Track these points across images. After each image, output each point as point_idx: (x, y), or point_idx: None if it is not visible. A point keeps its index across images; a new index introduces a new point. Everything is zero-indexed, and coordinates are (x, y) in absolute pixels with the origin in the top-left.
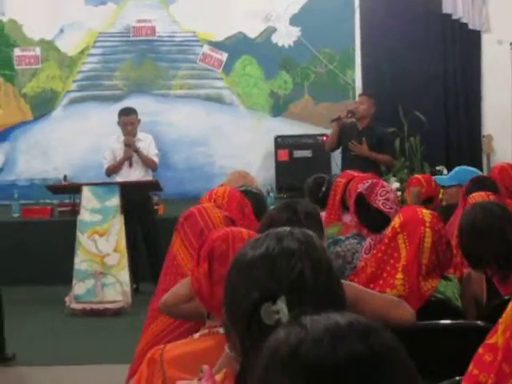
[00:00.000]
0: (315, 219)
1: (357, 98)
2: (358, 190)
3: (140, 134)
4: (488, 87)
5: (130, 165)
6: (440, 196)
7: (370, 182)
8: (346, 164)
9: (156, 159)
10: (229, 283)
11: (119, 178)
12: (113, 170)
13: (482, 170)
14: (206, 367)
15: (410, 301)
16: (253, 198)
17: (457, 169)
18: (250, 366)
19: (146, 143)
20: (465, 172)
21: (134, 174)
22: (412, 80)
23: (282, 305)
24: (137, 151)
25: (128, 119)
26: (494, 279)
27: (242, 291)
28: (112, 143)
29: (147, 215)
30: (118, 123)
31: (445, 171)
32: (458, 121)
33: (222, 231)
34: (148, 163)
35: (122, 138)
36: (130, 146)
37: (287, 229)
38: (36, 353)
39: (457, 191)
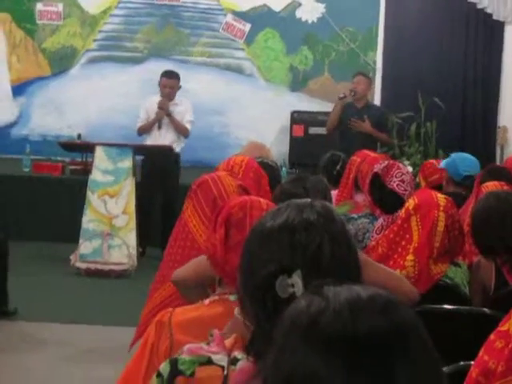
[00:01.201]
0: (324, 194)
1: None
2: (374, 170)
3: (178, 99)
4: (507, 78)
5: (159, 127)
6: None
7: (386, 162)
8: (345, 143)
9: (189, 126)
10: (246, 252)
11: (149, 139)
12: (144, 129)
13: (494, 160)
14: (215, 331)
15: (419, 283)
16: (268, 170)
17: (453, 156)
18: (263, 337)
19: (183, 108)
20: (453, 163)
21: (165, 137)
22: (433, 66)
23: (297, 278)
24: (169, 115)
25: (168, 82)
26: (504, 268)
27: (258, 262)
28: (148, 103)
29: (170, 180)
30: (159, 84)
31: None
32: (475, 110)
33: (241, 199)
34: (179, 129)
35: (160, 99)
36: (163, 109)
37: (308, 200)
38: (38, 309)
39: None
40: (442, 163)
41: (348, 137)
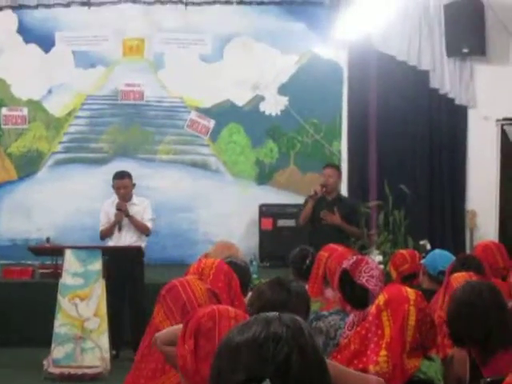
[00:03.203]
0: (305, 301)
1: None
2: (343, 266)
3: (136, 198)
4: (473, 162)
5: (119, 229)
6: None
7: (354, 258)
8: (315, 236)
9: (150, 224)
10: (215, 366)
11: (111, 241)
12: (106, 233)
13: (464, 245)
14: None
15: (393, 378)
16: (237, 269)
17: (434, 251)
18: None
19: (141, 207)
20: (432, 257)
21: (125, 238)
22: (398, 153)
23: None
24: (128, 216)
25: (121, 183)
26: (478, 360)
27: (227, 373)
28: (106, 206)
29: (136, 281)
30: (113, 186)
31: (428, 246)
32: (443, 195)
33: (209, 308)
34: (140, 228)
35: (117, 201)
36: (121, 211)
37: (276, 314)
38: None
39: None
40: (423, 260)
41: (319, 230)
